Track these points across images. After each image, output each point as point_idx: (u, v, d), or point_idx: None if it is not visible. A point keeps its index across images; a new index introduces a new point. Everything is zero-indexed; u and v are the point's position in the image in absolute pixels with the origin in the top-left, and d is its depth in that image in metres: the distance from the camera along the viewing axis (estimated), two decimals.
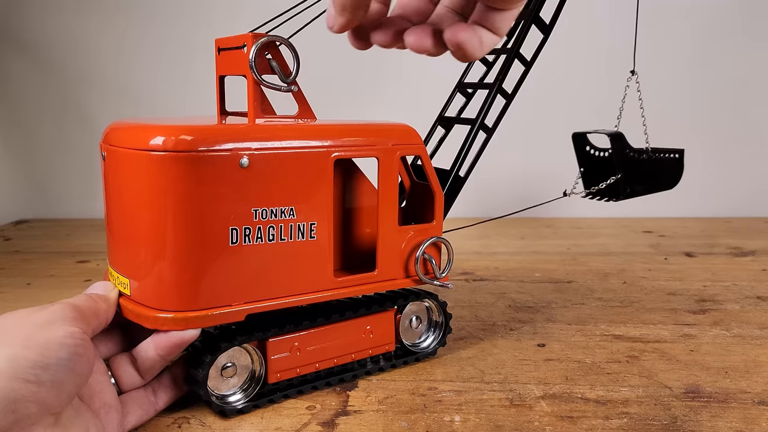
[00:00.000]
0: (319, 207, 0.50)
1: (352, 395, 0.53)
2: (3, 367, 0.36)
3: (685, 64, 1.27)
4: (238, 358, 0.50)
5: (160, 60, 1.30)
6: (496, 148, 0.75)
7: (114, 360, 0.48)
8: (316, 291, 0.51)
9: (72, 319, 0.42)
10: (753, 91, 1.29)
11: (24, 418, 0.36)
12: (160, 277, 0.45)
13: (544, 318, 0.71)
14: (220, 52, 0.55)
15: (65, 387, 0.39)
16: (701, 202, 1.33)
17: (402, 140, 0.54)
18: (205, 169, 0.44)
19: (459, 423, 0.48)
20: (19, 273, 0.92)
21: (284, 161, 0.47)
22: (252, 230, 0.47)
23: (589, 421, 0.49)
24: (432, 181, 0.56)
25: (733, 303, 0.77)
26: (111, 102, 1.32)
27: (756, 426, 0.48)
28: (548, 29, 0.65)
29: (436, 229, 0.57)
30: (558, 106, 1.30)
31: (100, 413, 0.44)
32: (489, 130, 0.63)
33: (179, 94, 1.30)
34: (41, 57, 1.30)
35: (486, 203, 1.30)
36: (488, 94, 0.62)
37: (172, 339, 0.46)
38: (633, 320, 0.71)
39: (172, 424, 0.49)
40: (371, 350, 0.57)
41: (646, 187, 0.84)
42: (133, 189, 0.46)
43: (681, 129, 1.31)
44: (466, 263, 0.94)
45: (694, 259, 0.98)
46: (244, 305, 0.48)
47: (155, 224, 0.45)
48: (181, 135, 0.44)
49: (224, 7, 1.26)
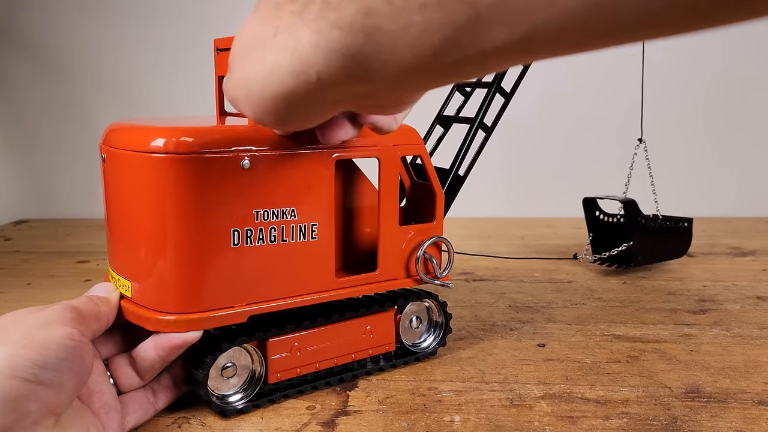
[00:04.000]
0: (320, 208, 0.50)
1: (352, 395, 0.53)
2: (1, 366, 0.36)
3: (685, 64, 1.27)
4: (238, 358, 0.50)
5: (161, 60, 1.30)
6: (495, 148, 0.75)
7: (113, 360, 0.48)
8: (317, 291, 0.51)
9: (71, 320, 0.42)
10: (753, 91, 1.29)
11: (24, 418, 0.36)
12: (162, 278, 0.45)
13: (544, 318, 0.71)
14: (218, 52, 0.54)
15: (64, 387, 0.39)
16: (701, 202, 1.33)
17: (402, 140, 0.54)
18: (206, 171, 0.44)
19: (459, 423, 0.48)
20: (19, 273, 0.92)
21: (285, 163, 0.47)
22: (253, 231, 0.47)
23: (589, 421, 0.49)
24: (432, 181, 0.56)
25: (733, 303, 0.77)
26: (111, 101, 1.32)
27: (756, 426, 0.48)
28: None
29: (437, 229, 0.57)
30: (558, 105, 1.30)
31: (100, 413, 0.44)
32: (488, 129, 0.63)
33: (180, 94, 1.30)
34: (42, 57, 1.30)
35: (486, 202, 1.30)
36: (487, 92, 0.62)
37: (173, 340, 0.46)
38: (633, 320, 0.71)
39: (172, 424, 0.49)
40: (371, 350, 0.57)
41: (657, 256, 0.88)
42: (133, 191, 0.46)
43: (681, 129, 1.31)
44: (466, 263, 0.94)
45: (694, 259, 0.98)
46: (245, 306, 0.48)
47: (156, 226, 0.45)
48: (182, 137, 0.44)
49: (225, 8, 1.26)
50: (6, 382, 0.36)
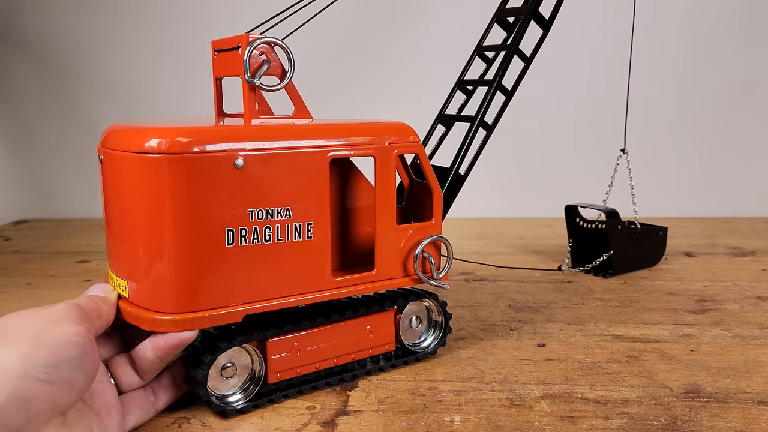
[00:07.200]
0: (316, 207, 0.50)
1: (352, 395, 0.53)
2: (15, 366, 0.36)
3: (685, 64, 1.27)
4: (237, 358, 0.50)
5: (161, 61, 1.30)
6: (495, 147, 0.75)
7: (113, 361, 0.48)
8: (314, 291, 0.51)
9: (77, 318, 0.42)
10: (753, 91, 1.29)
11: (36, 417, 0.36)
12: (158, 279, 0.45)
13: (544, 318, 0.71)
14: (216, 53, 0.55)
15: (75, 386, 0.39)
16: (701, 202, 1.33)
17: (399, 138, 0.54)
18: (200, 170, 0.44)
19: (459, 423, 0.48)
20: (19, 273, 0.92)
21: (279, 161, 0.47)
22: (248, 231, 0.47)
23: (589, 421, 0.49)
24: (430, 180, 0.56)
25: (733, 303, 0.76)
26: (111, 102, 1.32)
27: (756, 426, 0.48)
28: (548, 25, 0.65)
29: (435, 228, 0.57)
30: (558, 104, 1.30)
31: (101, 413, 0.44)
32: (489, 128, 0.62)
33: (180, 95, 1.30)
34: (42, 57, 1.30)
35: (486, 202, 1.30)
36: (487, 90, 0.62)
37: (170, 340, 0.46)
38: (633, 320, 0.71)
39: (172, 424, 0.49)
40: (371, 350, 0.57)
41: (633, 264, 0.91)
42: (130, 191, 0.46)
43: (681, 129, 1.31)
44: (466, 263, 0.94)
45: (694, 259, 0.98)
46: (241, 306, 0.48)
47: (152, 226, 0.45)
48: (176, 137, 0.44)
49: (224, 8, 1.26)
50: (19, 382, 0.36)
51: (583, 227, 0.91)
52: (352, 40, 1.28)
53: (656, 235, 0.93)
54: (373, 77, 1.29)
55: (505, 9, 0.67)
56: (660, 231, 0.93)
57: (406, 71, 1.28)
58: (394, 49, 1.28)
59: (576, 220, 0.92)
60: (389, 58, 1.28)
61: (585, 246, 0.91)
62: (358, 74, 1.29)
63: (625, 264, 0.89)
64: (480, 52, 0.68)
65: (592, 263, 0.88)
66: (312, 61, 1.17)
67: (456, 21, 1.23)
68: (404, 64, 1.28)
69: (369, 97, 1.30)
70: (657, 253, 0.94)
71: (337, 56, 1.29)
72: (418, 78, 1.25)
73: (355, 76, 1.29)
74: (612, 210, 0.87)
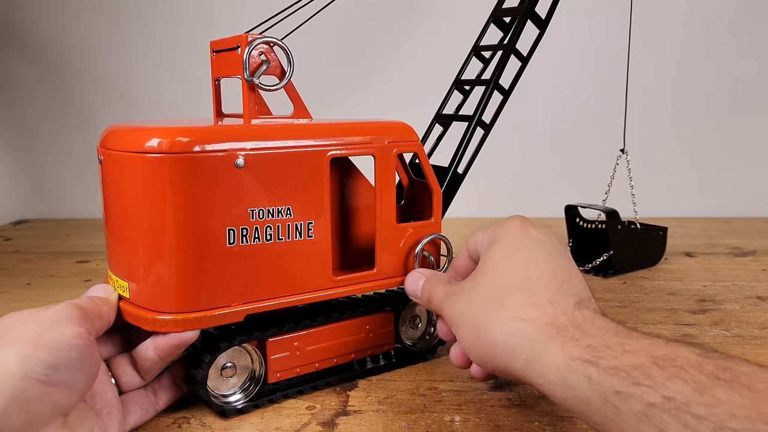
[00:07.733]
0: (316, 206, 0.50)
1: (352, 395, 0.53)
2: (15, 368, 0.36)
3: (685, 64, 1.27)
4: (237, 358, 0.50)
5: (161, 61, 1.30)
6: (495, 147, 0.75)
7: (114, 361, 0.48)
8: (314, 290, 0.51)
9: (78, 318, 0.42)
10: (753, 91, 1.29)
11: (36, 419, 0.36)
12: (158, 279, 0.45)
13: None
14: (215, 53, 0.55)
15: (76, 387, 0.39)
16: (701, 202, 1.33)
17: (398, 137, 0.54)
18: (200, 170, 0.44)
19: (459, 423, 0.48)
20: (19, 273, 0.92)
21: (280, 161, 0.47)
22: (249, 230, 0.47)
23: None
24: (429, 178, 0.56)
25: (733, 303, 0.76)
26: (111, 102, 1.32)
27: None
28: (544, 24, 0.65)
29: (435, 226, 0.57)
30: (558, 104, 1.30)
31: (102, 413, 0.44)
32: (486, 127, 0.63)
33: (180, 96, 1.30)
34: (42, 57, 1.30)
35: (486, 202, 1.30)
36: (485, 90, 0.62)
37: (171, 340, 0.46)
38: (633, 320, 0.71)
39: (172, 424, 0.49)
40: (371, 350, 0.57)
41: (633, 264, 0.91)
42: (130, 191, 0.46)
43: (681, 129, 1.31)
44: None
45: (694, 259, 0.98)
46: (242, 305, 0.48)
47: (152, 226, 0.45)
48: (176, 137, 0.44)
49: (225, 9, 1.26)
50: (19, 384, 0.36)
51: (583, 227, 0.92)
52: (350, 40, 1.28)
53: (656, 235, 0.93)
54: (372, 77, 1.29)
55: (502, 9, 0.67)
56: (660, 231, 0.93)
57: (404, 71, 1.28)
58: (392, 50, 1.28)
59: (576, 220, 0.92)
60: (387, 58, 1.29)
61: (585, 246, 0.91)
62: (356, 74, 1.29)
63: (625, 264, 0.89)
64: (477, 52, 0.68)
65: (592, 263, 0.88)
66: (311, 61, 1.17)
67: (452, 21, 1.23)
68: (402, 64, 1.28)
69: (367, 96, 1.30)
70: (657, 253, 0.94)
71: (335, 56, 1.29)
72: (416, 78, 1.25)
73: (354, 76, 1.29)
74: (612, 210, 0.87)
